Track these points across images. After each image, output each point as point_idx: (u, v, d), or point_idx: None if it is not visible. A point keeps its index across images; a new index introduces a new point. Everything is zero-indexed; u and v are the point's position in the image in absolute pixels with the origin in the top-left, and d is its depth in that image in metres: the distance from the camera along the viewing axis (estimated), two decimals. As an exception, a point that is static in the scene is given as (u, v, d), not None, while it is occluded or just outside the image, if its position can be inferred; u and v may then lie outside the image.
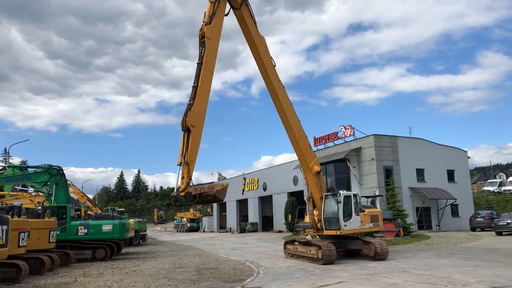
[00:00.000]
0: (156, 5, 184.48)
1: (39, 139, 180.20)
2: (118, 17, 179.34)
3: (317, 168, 18.11)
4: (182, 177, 12.55)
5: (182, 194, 12.36)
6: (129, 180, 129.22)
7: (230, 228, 53.81)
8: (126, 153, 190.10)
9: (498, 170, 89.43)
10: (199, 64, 13.96)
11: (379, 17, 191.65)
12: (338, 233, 17.01)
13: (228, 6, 15.70)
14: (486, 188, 53.64)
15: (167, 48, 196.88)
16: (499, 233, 27.02)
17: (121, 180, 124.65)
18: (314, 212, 18.24)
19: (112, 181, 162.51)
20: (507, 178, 64.98)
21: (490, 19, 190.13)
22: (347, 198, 17.39)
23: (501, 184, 54.11)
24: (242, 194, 53.17)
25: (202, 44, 14.19)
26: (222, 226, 57.74)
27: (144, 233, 35.54)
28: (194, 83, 13.75)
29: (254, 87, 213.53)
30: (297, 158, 18.69)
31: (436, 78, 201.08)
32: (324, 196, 17.74)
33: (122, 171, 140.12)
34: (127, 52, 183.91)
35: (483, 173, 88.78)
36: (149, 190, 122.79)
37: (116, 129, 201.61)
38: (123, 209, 63.80)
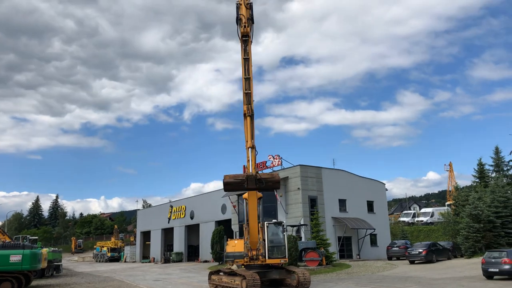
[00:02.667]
0: (88, 24, 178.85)
1: None
2: (45, 32, 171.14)
3: (260, 194, 18.08)
4: (248, 161, 14.50)
5: (252, 176, 14.18)
6: (46, 206, 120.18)
7: (154, 258, 51.78)
8: (44, 176, 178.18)
9: (412, 202, 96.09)
10: (247, 59, 17.39)
11: (310, 52, 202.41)
12: (282, 261, 17.31)
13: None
14: (401, 219, 57.13)
15: (96, 68, 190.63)
16: (412, 262, 28.71)
17: (36, 205, 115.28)
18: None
19: (26, 207, 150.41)
20: (420, 209, 69.92)
21: (408, 61, 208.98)
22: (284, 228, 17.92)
23: (414, 215, 58.03)
24: (168, 222, 51.66)
25: (245, 42, 17.77)
26: (145, 256, 55.36)
27: (59, 263, 33.02)
28: (245, 75, 17.27)
29: (187, 112, 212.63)
30: None
31: (360, 113, 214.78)
32: (267, 225, 17.71)
33: (38, 196, 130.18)
34: (52, 70, 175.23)
35: (400, 204, 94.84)
36: (67, 217, 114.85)
37: (34, 151, 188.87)
38: (36, 237, 59.14)
